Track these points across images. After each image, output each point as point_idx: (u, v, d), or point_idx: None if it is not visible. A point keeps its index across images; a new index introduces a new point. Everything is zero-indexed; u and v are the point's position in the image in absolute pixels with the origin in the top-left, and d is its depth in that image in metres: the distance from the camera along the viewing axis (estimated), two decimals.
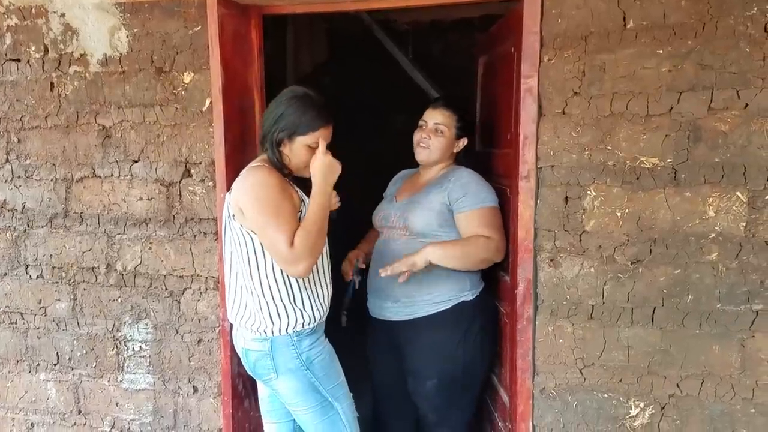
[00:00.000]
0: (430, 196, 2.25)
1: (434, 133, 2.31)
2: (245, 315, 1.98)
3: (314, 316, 1.98)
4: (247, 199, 1.84)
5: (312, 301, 1.98)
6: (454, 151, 2.36)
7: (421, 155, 2.34)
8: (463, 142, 2.36)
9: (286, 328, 1.94)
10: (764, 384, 1.98)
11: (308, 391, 1.97)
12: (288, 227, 1.79)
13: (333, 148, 1.94)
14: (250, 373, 2.08)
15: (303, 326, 1.96)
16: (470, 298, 2.26)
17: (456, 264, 2.16)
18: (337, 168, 1.93)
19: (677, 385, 2.05)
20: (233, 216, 1.91)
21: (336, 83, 4.98)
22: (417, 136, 2.35)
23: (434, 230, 2.21)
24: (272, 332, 1.94)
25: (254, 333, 1.97)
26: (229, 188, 2.05)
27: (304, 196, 1.95)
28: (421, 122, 2.36)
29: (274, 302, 1.93)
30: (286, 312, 1.94)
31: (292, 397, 2.00)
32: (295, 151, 1.91)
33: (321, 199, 1.88)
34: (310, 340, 1.98)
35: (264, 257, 1.90)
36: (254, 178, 1.86)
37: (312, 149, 1.91)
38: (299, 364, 1.96)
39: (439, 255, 2.11)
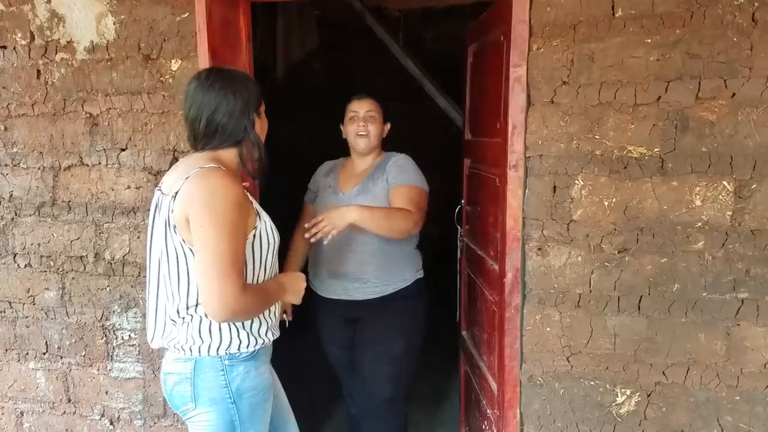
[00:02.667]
0: (377, 184, 2.42)
1: (369, 121, 2.49)
2: (171, 332, 1.69)
3: (257, 338, 1.71)
4: (200, 210, 1.54)
5: (257, 319, 1.71)
6: (383, 136, 2.57)
7: (361, 144, 2.48)
8: (388, 126, 2.58)
9: (217, 349, 1.65)
10: (749, 372, 2.00)
11: (224, 431, 1.68)
12: (241, 266, 1.56)
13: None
14: (170, 406, 1.78)
15: (239, 348, 1.67)
16: (421, 276, 2.55)
17: (376, 228, 2.22)
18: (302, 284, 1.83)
19: (663, 372, 2.06)
20: (175, 228, 1.61)
21: (327, 71, 4.96)
22: (352, 126, 2.49)
23: None
24: (198, 351, 1.65)
25: (177, 351, 1.68)
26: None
27: (260, 209, 1.74)
28: (351, 114, 2.51)
29: (207, 317, 1.64)
30: (220, 329, 1.65)
31: None
32: (263, 122, 1.78)
33: (284, 296, 1.77)
34: (245, 367, 1.68)
35: None
36: (212, 185, 1.56)
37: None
38: (225, 395, 1.66)
39: (364, 216, 2.17)
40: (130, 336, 2.56)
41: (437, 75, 4.53)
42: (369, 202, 2.33)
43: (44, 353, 2.68)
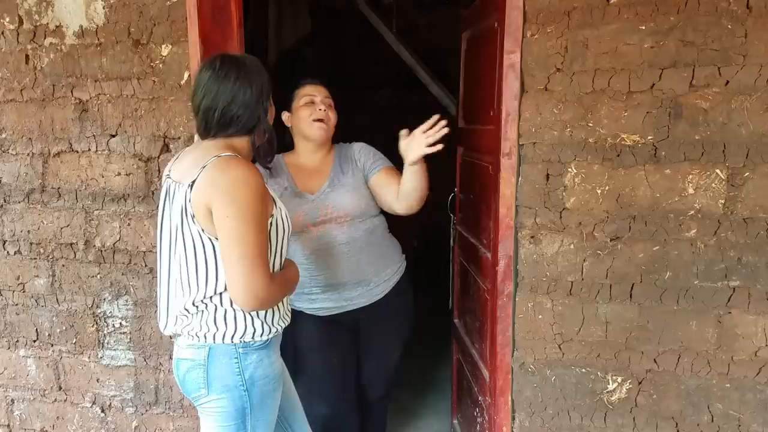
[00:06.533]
0: (350, 177, 2.25)
1: (329, 108, 2.28)
2: (184, 321, 1.68)
3: (270, 327, 1.71)
4: (224, 200, 1.52)
5: (271, 309, 1.71)
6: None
7: (319, 132, 2.24)
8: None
9: (232, 337, 1.65)
10: (739, 359, 2.01)
11: (235, 418, 1.68)
12: (266, 255, 1.57)
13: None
14: (182, 391, 1.78)
15: (253, 337, 1.67)
16: (404, 261, 2.43)
17: (419, 184, 2.08)
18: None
19: (654, 360, 2.07)
20: (193, 217, 1.59)
21: (319, 57, 4.93)
22: (308, 111, 2.24)
23: (372, 207, 2.27)
24: (213, 339, 1.65)
25: (190, 338, 1.68)
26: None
27: (275, 196, 1.73)
28: (305, 98, 2.26)
29: (222, 305, 1.64)
30: (235, 318, 1.65)
31: (216, 420, 1.70)
32: (271, 109, 1.77)
33: (294, 285, 1.79)
34: (259, 356, 1.69)
35: None
36: (235, 175, 1.54)
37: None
38: (238, 383, 1.66)
39: (422, 170, 2.07)
40: (121, 324, 2.55)
41: (430, 62, 4.51)
42: (345, 194, 2.21)
43: (35, 341, 2.67)
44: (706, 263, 1.98)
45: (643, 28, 1.91)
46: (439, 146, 1.96)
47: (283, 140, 2.31)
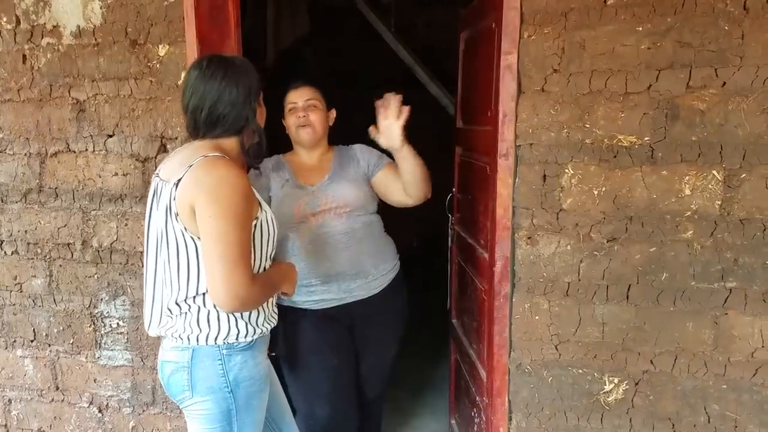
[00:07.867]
0: (351, 172, 2.31)
1: (310, 110, 2.30)
2: (168, 321, 1.68)
3: (255, 328, 1.70)
4: (208, 200, 1.52)
5: (255, 310, 1.70)
6: (329, 124, 2.38)
7: (305, 135, 2.29)
8: (333, 113, 2.39)
9: (215, 338, 1.64)
10: (736, 360, 2.01)
11: (220, 420, 1.68)
12: (249, 257, 1.56)
13: None
14: (167, 394, 1.77)
15: (237, 338, 1.66)
16: (398, 260, 2.44)
17: (416, 168, 2.14)
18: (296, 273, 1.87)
19: (651, 361, 2.07)
20: (177, 216, 1.59)
21: (317, 56, 4.92)
22: (292, 119, 2.30)
23: (370, 204, 2.31)
24: (196, 340, 1.64)
25: (174, 340, 1.68)
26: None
27: (261, 199, 1.72)
28: (290, 105, 2.32)
29: (205, 306, 1.64)
30: (218, 319, 1.64)
31: (201, 423, 1.70)
32: (262, 110, 1.77)
33: (282, 286, 1.78)
34: (243, 357, 1.68)
35: None
36: (220, 175, 1.54)
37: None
38: (223, 384, 1.65)
39: (412, 152, 2.13)
40: (118, 324, 2.55)
41: (429, 62, 4.51)
42: (346, 185, 2.26)
43: (32, 341, 2.67)
44: (702, 264, 1.98)
45: (640, 29, 1.91)
46: (406, 109, 2.11)
47: (286, 141, 2.38)
